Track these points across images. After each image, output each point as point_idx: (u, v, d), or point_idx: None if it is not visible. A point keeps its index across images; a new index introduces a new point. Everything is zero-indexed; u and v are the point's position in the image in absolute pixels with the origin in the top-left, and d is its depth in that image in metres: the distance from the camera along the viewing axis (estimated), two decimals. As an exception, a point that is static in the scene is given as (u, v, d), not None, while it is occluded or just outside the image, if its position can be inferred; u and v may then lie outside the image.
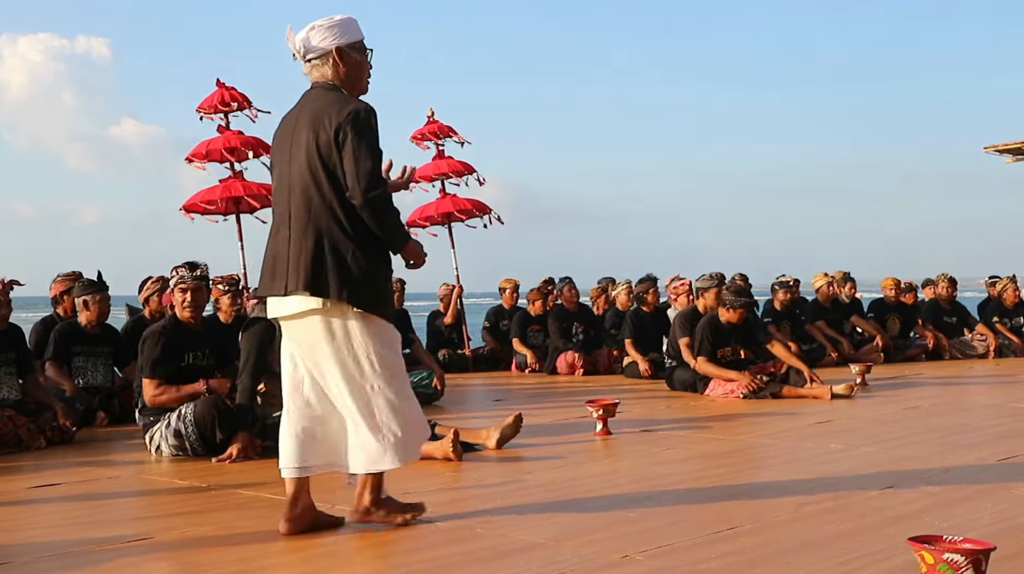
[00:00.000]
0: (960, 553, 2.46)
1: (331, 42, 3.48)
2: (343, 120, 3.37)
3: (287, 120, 3.58)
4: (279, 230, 3.51)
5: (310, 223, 3.42)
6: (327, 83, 3.51)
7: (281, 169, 3.53)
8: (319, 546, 3.38)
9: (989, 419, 6.45)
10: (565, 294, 10.68)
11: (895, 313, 11.75)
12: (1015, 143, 19.49)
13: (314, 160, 3.41)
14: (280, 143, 3.57)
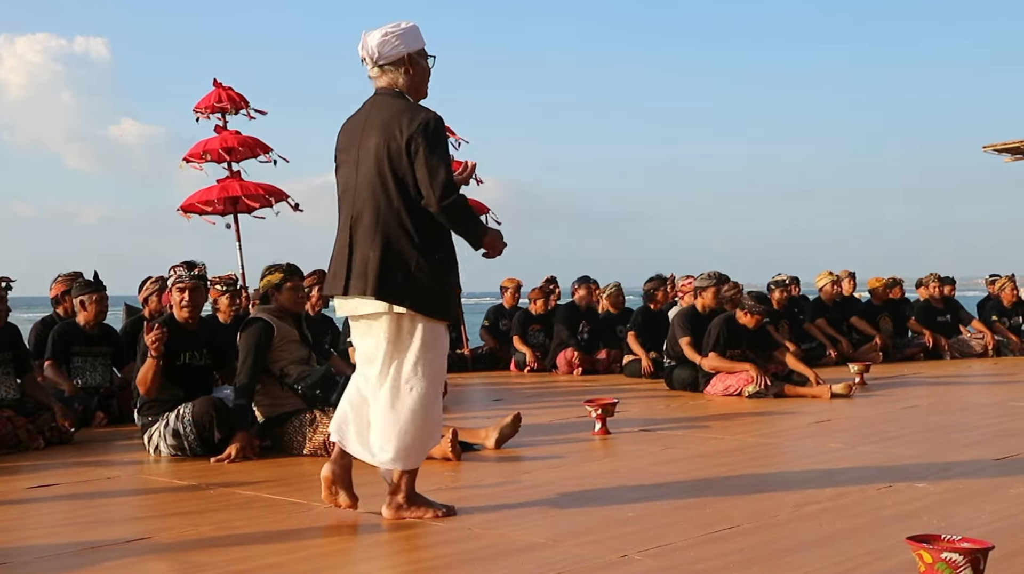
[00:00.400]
0: (958, 552, 2.46)
1: (403, 49, 3.61)
2: (415, 131, 3.49)
3: (353, 125, 3.69)
4: (344, 232, 3.63)
5: (377, 229, 3.53)
6: (393, 90, 3.63)
7: (347, 173, 3.65)
8: (318, 546, 3.38)
9: (987, 418, 6.46)
10: (580, 293, 10.68)
11: (885, 312, 11.75)
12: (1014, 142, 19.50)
13: (384, 167, 3.53)
14: (346, 147, 3.68)
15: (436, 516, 3.68)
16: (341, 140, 3.74)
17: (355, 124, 3.68)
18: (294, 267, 5.54)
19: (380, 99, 3.64)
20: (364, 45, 3.62)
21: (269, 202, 10.37)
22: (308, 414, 5.20)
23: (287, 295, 5.45)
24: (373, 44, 3.60)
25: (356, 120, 3.69)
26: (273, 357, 5.31)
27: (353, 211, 3.60)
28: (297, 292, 5.49)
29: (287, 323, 5.42)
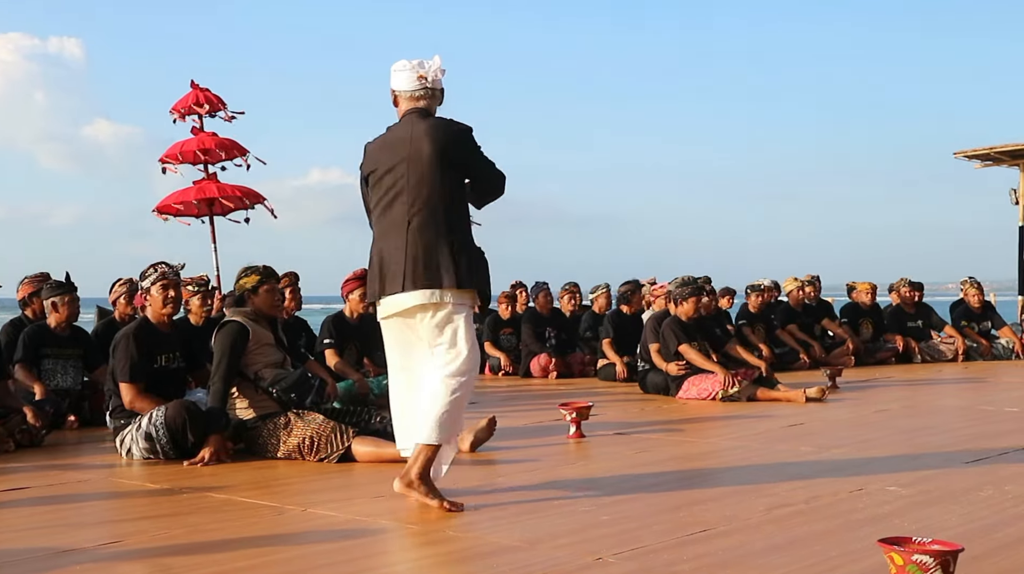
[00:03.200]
0: (929, 554, 2.48)
1: (441, 80, 4.13)
2: (458, 137, 4.03)
3: (395, 137, 4.05)
4: (399, 229, 3.95)
5: (440, 226, 3.95)
6: (424, 110, 4.07)
7: (397, 179, 3.99)
8: (291, 550, 3.36)
9: (958, 421, 6.52)
10: (540, 300, 10.69)
11: (868, 317, 11.88)
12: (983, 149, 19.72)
13: (437, 171, 3.96)
14: (388, 158, 4.02)
15: (443, 507, 3.81)
16: (378, 153, 4.08)
17: (398, 137, 4.04)
18: (270, 269, 5.51)
19: (414, 116, 4.05)
20: (433, 70, 4.07)
21: (245, 204, 10.32)
22: (283, 417, 5.18)
23: (263, 298, 5.42)
24: (436, 70, 4.07)
25: (398, 132, 4.05)
26: (248, 360, 5.28)
27: (410, 213, 3.95)
28: (273, 295, 5.46)
29: (262, 326, 5.40)
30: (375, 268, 4.05)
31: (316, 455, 5.01)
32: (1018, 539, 3.31)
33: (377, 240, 4.07)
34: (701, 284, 8.52)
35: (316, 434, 5.03)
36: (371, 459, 4.92)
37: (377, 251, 4.05)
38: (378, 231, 4.08)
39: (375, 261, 4.06)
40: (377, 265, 4.04)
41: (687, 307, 8.13)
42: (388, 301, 4.01)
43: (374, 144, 4.15)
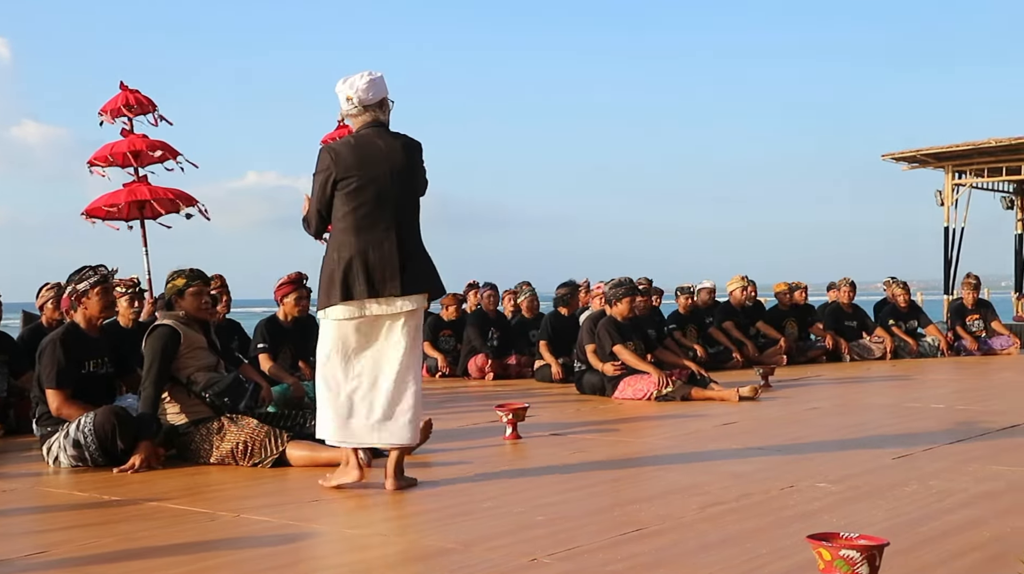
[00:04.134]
0: (855, 549, 2.53)
1: (383, 93, 4.34)
2: (420, 151, 4.41)
3: (369, 147, 4.27)
4: (388, 239, 4.22)
5: (415, 231, 4.33)
6: (381, 123, 4.34)
7: (380, 189, 4.24)
8: (224, 556, 3.32)
9: (885, 418, 6.66)
10: (486, 300, 10.70)
11: (791, 317, 12.08)
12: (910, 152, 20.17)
13: (416, 181, 4.36)
14: (367, 167, 4.24)
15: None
16: (352, 161, 4.24)
17: (374, 146, 4.27)
18: (198, 272, 5.43)
19: (382, 131, 4.33)
20: (352, 88, 4.25)
21: (178, 207, 10.14)
22: (216, 422, 5.11)
23: (190, 300, 5.34)
24: (360, 88, 4.25)
25: (373, 142, 4.28)
26: (180, 364, 5.20)
27: (396, 219, 4.25)
28: (200, 297, 5.38)
29: (193, 329, 5.32)
30: (355, 271, 4.19)
31: (250, 460, 4.95)
32: (942, 533, 3.40)
33: (353, 244, 4.21)
34: (635, 285, 8.60)
35: (250, 439, 4.97)
36: (306, 463, 4.87)
37: (359, 254, 4.20)
38: (356, 236, 4.23)
39: (354, 264, 4.19)
40: (361, 268, 4.18)
41: (622, 307, 8.20)
42: (384, 302, 4.23)
43: (343, 150, 4.28)
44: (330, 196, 4.28)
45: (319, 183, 4.29)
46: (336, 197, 4.26)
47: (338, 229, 4.28)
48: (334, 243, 4.28)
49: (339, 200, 4.26)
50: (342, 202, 4.25)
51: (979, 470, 4.54)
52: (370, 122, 4.32)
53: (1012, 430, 5.87)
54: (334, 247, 4.27)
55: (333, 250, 4.27)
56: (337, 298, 4.23)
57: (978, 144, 19.09)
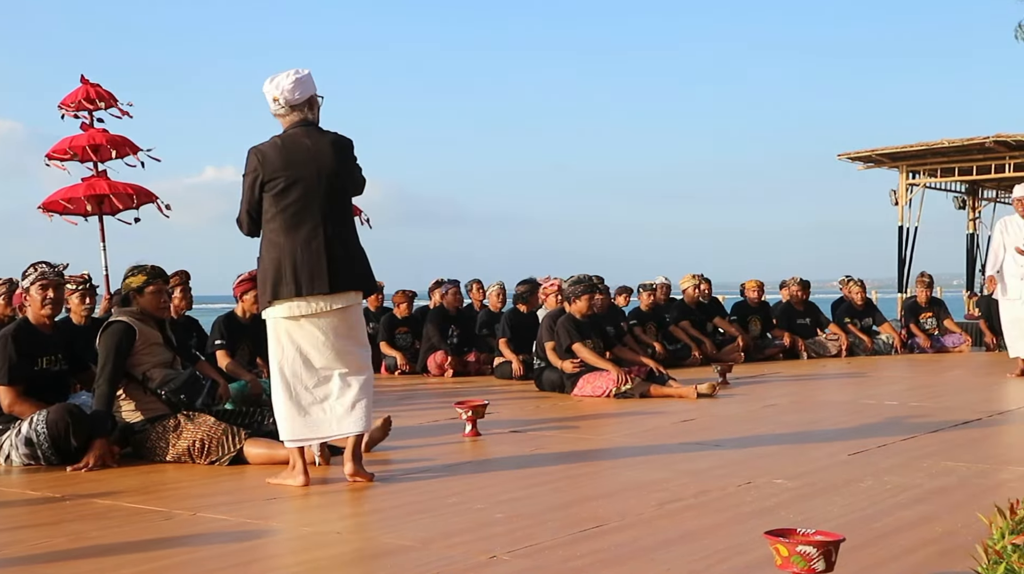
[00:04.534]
0: (812, 545, 2.55)
1: (310, 91, 4.36)
2: (350, 149, 4.40)
3: (296, 146, 4.28)
4: (316, 234, 4.25)
5: (347, 228, 4.36)
6: (310, 121, 4.35)
7: (308, 187, 4.26)
8: (179, 554, 3.28)
9: (840, 415, 6.74)
10: (449, 298, 10.68)
11: (756, 314, 12.20)
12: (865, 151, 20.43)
13: (345, 179, 4.37)
14: (295, 166, 4.26)
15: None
16: (279, 161, 4.26)
17: (301, 145, 4.29)
18: (158, 270, 5.36)
19: (312, 128, 4.34)
20: (278, 88, 4.27)
21: (137, 203, 10.01)
22: (172, 419, 5.05)
23: (149, 299, 5.26)
24: (286, 88, 4.27)
25: (300, 140, 4.29)
26: (135, 361, 5.13)
27: (324, 218, 4.27)
28: (160, 296, 5.31)
29: (149, 325, 5.25)
30: (284, 271, 4.24)
31: (207, 458, 4.90)
32: (896, 529, 3.44)
33: (283, 244, 4.26)
34: (595, 282, 8.62)
35: (207, 436, 4.92)
36: (264, 461, 4.83)
37: (288, 254, 4.24)
38: (284, 236, 4.26)
39: (283, 264, 4.24)
40: (290, 268, 4.23)
41: (580, 305, 8.23)
42: (313, 301, 4.27)
43: (270, 151, 4.30)
44: (259, 197, 4.32)
45: (247, 185, 4.34)
46: (264, 198, 4.31)
47: (268, 230, 4.33)
48: (265, 244, 4.34)
49: (268, 201, 4.30)
50: (270, 203, 4.29)
51: (932, 466, 4.60)
52: (298, 121, 4.33)
53: (964, 426, 5.97)
54: (265, 248, 4.33)
55: (264, 251, 4.34)
56: (270, 298, 4.31)
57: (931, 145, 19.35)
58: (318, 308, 4.29)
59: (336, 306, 4.31)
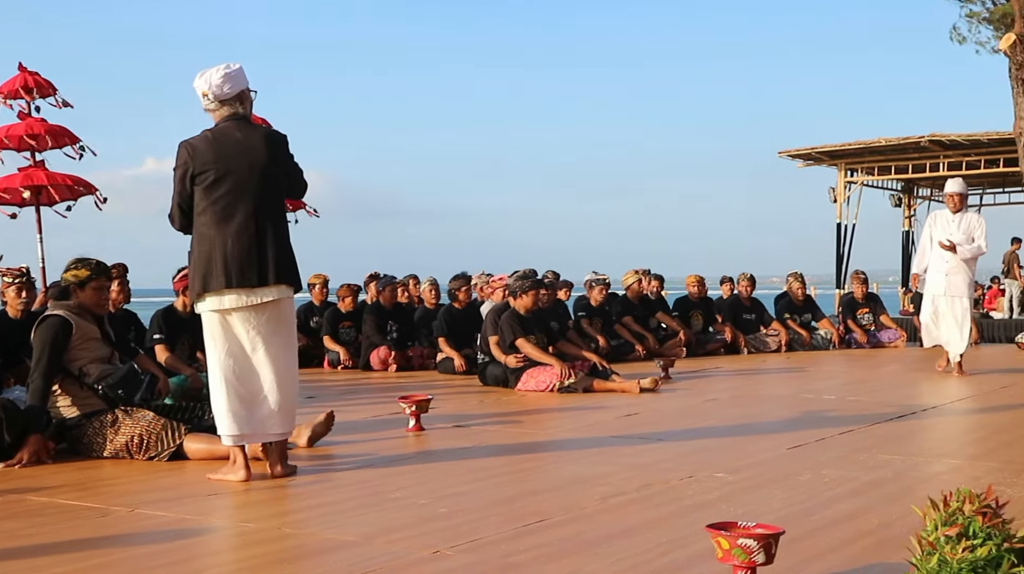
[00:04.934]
0: (752, 538, 2.59)
1: (241, 85, 4.35)
2: (283, 144, 4.41)
3: (227, 140, 4.27)
4: (246, 227, 4.23)
5: (278, 223, 4.34)
6: (241, 116, 4.34)
7: (239, 178, 4.25)
8: (116, 552, 3.22)
9: (780, 409, 6.83)
10: (386, 294, 10.62)
11: (698, 309, 12.34)
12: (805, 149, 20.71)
13: (278, 173, 4.36)
14: (226, 159, 4.24)
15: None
16: (209, 155, 4.25)
17: (232, 138, 4.28)
18: (103, 266, 5.24)
19: (244, 122, 4.34)
20: (208, 83, 4.26)
21: (76, 194, 9.82)
22: (109, 414, 4.96)
23: (89, 295, 5.16)
24: (216, 83, 4.26)
25: (231, 134, 4.28)
26: (72, 356, 5.03)
27: (256, 211, 4.25)
28: (101, 294, 5.21)
29: (87, 319, 5.15)
30: (215, 263, 4.21)
31: (146, 453, 4.83)
32: (833, 521, 3.50)
33: (213, 237, 4.23)
34: (541, 278, 8.65)
35: (146, 432, 4.85)
36: (204, 456, 4.78)
37: (220, 247, 4.21)
38: (216, 229, 4.24)
39: (214, 257, 4.22)
40: (220, 260, 4.20)
41: (526, 300, 8.24)
42: (243, 293, 4.23)
43: (200, 144, 4.29)
44: (189, 191, 4.30)
45: (178, 178, 4.32)
46: (196, 191, 4.29)
47: (199, 222, 4.31)
48: (196, 237, 4.32)
49: (199, 194, 4.29)
50: (201, 196, 4.28)
51: (868, 459, 4.69)
52: (229, 115, 4.33)
53: (899, 420, 6.09)
54: (196, 241, 4.31)
55: (196, 244, 4.31)
56: (200, 290, 4.28)
57: (869, 143, 19.72)
58: (248, 301, 4.26)
59: (267, 299, 4.29)
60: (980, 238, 8.92)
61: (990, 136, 18.28)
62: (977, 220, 9.06)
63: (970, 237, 8.92)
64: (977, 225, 8.99)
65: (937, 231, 9.04)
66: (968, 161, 19.61)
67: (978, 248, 8.93)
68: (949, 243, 8.86)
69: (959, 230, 8.96)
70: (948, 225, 9.02)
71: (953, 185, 9.24)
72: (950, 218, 9.06)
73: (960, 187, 9.20)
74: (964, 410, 6.63)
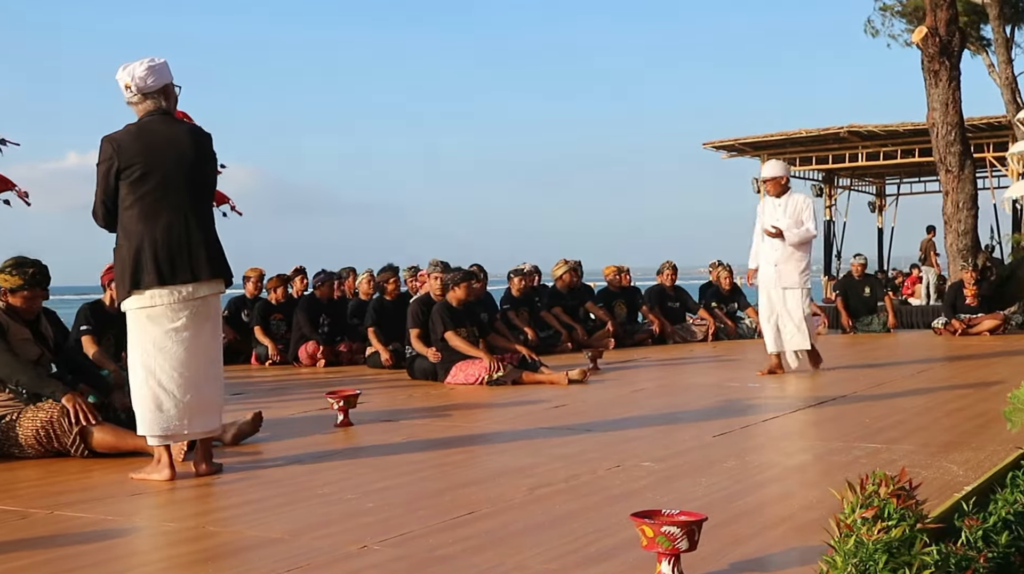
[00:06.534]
0: (676, 525, 2.63)
1: (165, 79, 4.30)
2: (208, 140, 4.41)
3: (154, 136, 4.22)
4: (177, 225, 4.19)
5: (206, 218, 4.32)
6: (163, 110, 4.29)
7: (166, 173, 4.20)
8: (36, 555, 3.15)
9: (706, 398, 6.94)
10: (323, 289, 10.53)
11: (620, 299, 12.46)
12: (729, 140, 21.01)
13: (202, 168, 4.35)
14: (152, 154, 4.19)
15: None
16: (137, 148, 4.18)
17: (157, 133, 4.24)
18: (39, 277, 5.07)
19: (168, 117, 4.31)
20: (131, 76, 4.21)
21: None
22: (16, 411, 4.83)
23: (20, 301, 5.03)
24: (139, 75, 4.21)
25: (156, 130, 4.24)
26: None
27: (184, 206, 4.22)
28: (34, 302, 5.09)
29: (16, 320, 5.02)
30: (144, 259, 4.15)
31: (57, 443, 4.71)
32: (756, 506, 3.57)
33: (141, 232, 4.17)
34: (472, 271, 8.65)
35: (48, 420, 4.73)
36: (111, 448, 4.73)
37: (149, 243, 4.15)
38: (143, 224, 4.18)
39: (143, 253, 4.15)
40: (150, 256, 4.14)
41: (459, 293, 8.23)
42: (175, 289, 4.19)
43: (125, 138, 4.22)
44: (114, 186, 4.22)
45: (101, 173, 4.23)
46: (121, 186, 4.21)
47: (125, 218, 4.22)
48: (122, 233, 4.23)
49: (124, 189, 4.20)
50: (128, 191, 4.20)
51: (790, 445, 4.79)
52: (152, 109, 4.28)
53: (819, 407, 6.22)
54: (123, 236, 4.23)
55: (122, 239, 4.23)
56: (129, 288, 4.19)
57: (790, 134, 20.09)
58: (180, 296, 4.20)
59: (199, 294, 4.25)
60: (808, 220, 8.13)
61: (906, 127, 18.75)
62: (804, 202, 8.23)
63: (798, 220, 8.10)
64: (804, 207, 8.17)
65: (766, 219, 8.24)
66: (885, 151, 20.10)
67: (807, 231, 8.13)
68: (775, 229, 8.10)
69: (786, 215, 8.13)
70: (775, 210, 8.21)
71: (768, 169, 8.45)
72: (776, 203, 8.23)
73: (775, 170, 8.38)
74: (882, 395, 6.79)
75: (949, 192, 15.60)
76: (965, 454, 4.41)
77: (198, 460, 4.33)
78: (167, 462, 4.24)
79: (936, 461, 4.27)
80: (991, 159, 18.98)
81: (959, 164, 15.44)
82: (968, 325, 12.62)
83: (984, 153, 18.70)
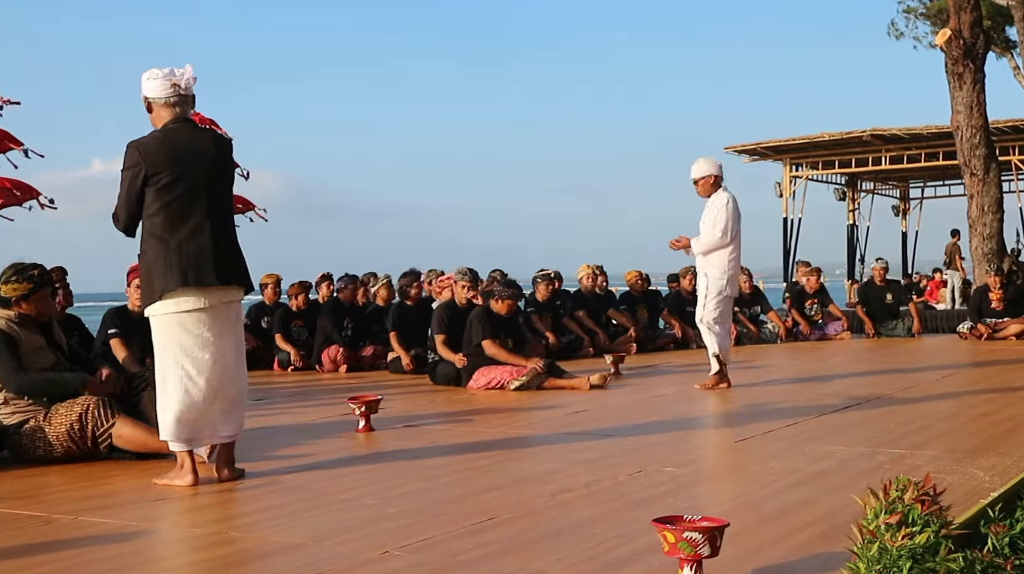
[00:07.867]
0: (698, 531, 2.61)
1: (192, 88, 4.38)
2: (230, 147, 4.49)
3: (180, 143, 4.26)
4: (201, 229, 4.23)
5: (229, 225, 4.39)
6: (189, 118, 4.36)
7: (194, 180, 4.24)
8: (59, 560, 3.16)
9: (729, 403, 6.90)
10: (346, 292, 10.58)
11: (642, 303, 12.43)
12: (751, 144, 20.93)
13: (226, 175, 4.43)
14: (179, 160, 4.22)
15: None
16: (164, 154, 4.21)
17: (183, 139, 4.28)
18: (44, 275, 5.10)
19: (190, 125, 4.37)
20: (185, 78, 4.30)
21: (19, 199, 9.61)
22: (43, 413, 4.87)
23: (34, 306, 5.04)
24: (188, 77, 4.30)
25: (181, 135, 4.28)
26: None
27: (209, 213, 4.26)
28: (45, 302, 5.10)
29: (29, 329, 5.02)
30: (171, 265, 4.17)
31: (89, 438, 4.75)
32: (779, 512, 3.55)
33: (168, 239, 4.20)
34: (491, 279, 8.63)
35: (83, 412, 4.76)
36: (137, 445, 4.76)
37: (175, 248, 4.18)
38: (170, 231, 4.21)
39: (170, 258, 4.17)
40: (176, 262, 4.17)
41: (501, 306, 8.20)
42: (200, 294, 4.21)
43: (152, 145, 4.25)
44: (140, 192, 4.24)
45: (128, 179, 4.25)
46: (147, 193, 4.23)
47: (151, 224, 4.25)
48: (148, 239, 4.26)
49: (151, 195, 4.23)
50: (154, 197, 4.22)
51: (814, 450, 4.75)
52: (180, 115, 4.33)
53: (844, 411, 6.18)
54: (148, 242, 4.26)
55: (147, 246, 4.26)
56: (157, 294, 4.22)
57: (812, 138, 20.01)
58: (205, 302, 4.23)
59: (225, 300, 4.29)
60: (713, 225, 7.39)
61: (929, 130, 18.64)
62: (718, 201, 7.43)
63: (711, 224, 7.43)
64: (717, 208, 7.40)
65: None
66: (909, 154, 19.98)
67: (710, 238, 7.41)
68: (680, 242, 7.61)
69: (705, 218, 7.51)
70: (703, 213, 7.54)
71: (694, 169, 7.59)
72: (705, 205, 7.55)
73: (699, 170, 7.53)
74: (907, 399, 6.74)
75: (974, 195, 15.48)
76: (991, 460, 4.37)
77: (220, 465, 4.35)
78: (190, 467, 4.26)
79: (961, 467, 4.23)
80: (1016, 162, 18.84)
81: (984, 167, 15.32)
82: (994, 329, 12.51)
83: (1009, 156, 18.56)
